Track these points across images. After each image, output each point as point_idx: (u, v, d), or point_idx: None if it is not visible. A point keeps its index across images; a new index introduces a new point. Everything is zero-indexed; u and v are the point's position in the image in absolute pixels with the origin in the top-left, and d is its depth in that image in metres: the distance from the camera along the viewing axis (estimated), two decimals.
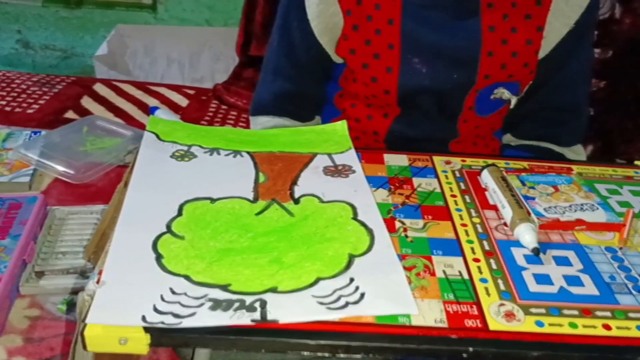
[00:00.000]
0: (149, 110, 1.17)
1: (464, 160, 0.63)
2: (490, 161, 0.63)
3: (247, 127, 1.20)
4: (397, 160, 0.63)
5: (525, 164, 0.63)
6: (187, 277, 0.44)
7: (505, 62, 0.68)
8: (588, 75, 0.77)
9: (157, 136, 0.64)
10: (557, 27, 0.68)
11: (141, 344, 0.39)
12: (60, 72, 1.54)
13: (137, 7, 1.60)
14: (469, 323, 0.41)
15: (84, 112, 1.14)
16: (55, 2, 1.62)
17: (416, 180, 0.59)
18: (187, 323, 0.39)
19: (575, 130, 0.77)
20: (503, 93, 0.72)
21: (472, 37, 0.67)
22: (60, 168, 0.83)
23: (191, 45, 1.51)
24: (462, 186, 0.58)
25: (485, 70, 0.69)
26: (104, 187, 0.76)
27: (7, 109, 1.13)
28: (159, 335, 0.39)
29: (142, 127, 1.08)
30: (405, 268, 0.46)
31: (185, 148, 0.62)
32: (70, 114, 1.13)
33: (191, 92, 1.31)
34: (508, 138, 0.80)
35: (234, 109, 1.26)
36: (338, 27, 0.70)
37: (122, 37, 1.51)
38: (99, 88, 1.27)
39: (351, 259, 0.46)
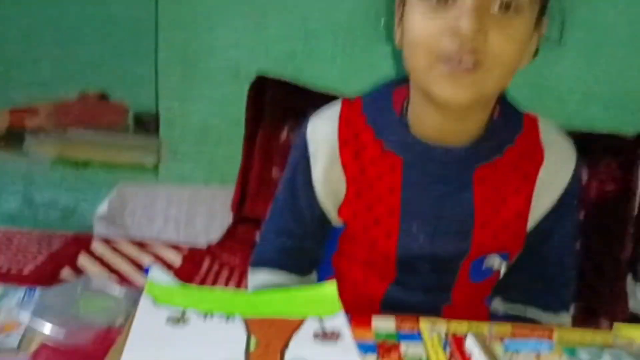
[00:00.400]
0: (143, 270, 1.19)
1: (449, 324, 0.65)
2: (475, 325, 0.64)
3: (240, 285, 1.22)
4: (384, 323, 0.64)
5: (509, 327, 0.65)
6: None
7: (497, 233, 0.73)
8: (574, 245, 0.82)
9: (154, 300, 0.67)
10: (542, 200, 0.74)
11: None
12: (60, 229, 1.59)
13: (140, 168, 1.70)
14: None
15: (79, 271, 1.16)
16: (63, 163, 1.73)
17: (403, 346, 0.60)
18: None
19: (562, 297, 0.80)
20: (494, 261, 0.76)
21: (466, 208, 0.73)
22: (51, 330, 0.83)
23: (189, 204, 1.58)
24: (448, 352, 0.60)
25: (479, 239, 0.73)
26: (95, 351, 0.76)
27: (4, 269, 1.15)
28: None
29: (136, 286, 1.10)
30: None
31: (180, 312, 0.64)
32: (66, 272, 1.16)
33: (185, 250, 1.34)
34: (497, 302, 0.82)
35: (226, 266, 1.29)
36: (341, 192, 0.76)
37: (123, 195, 1.59)
38: (96, 246, 1.30)
39: None
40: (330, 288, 0.70)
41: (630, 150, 1.33)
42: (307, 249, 0.82)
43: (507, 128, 0.73)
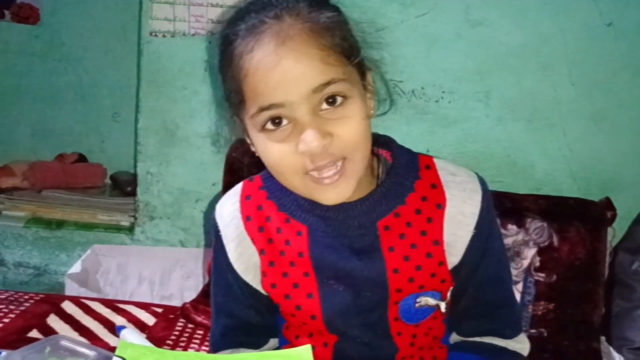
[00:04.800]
0: (115, 329, 1.17)
1: None
2: None
3: None
4: None
5: None
6: None
7: (412, 276, 0.74)
8: (507, 274, 0.83)
9: None
10: (460, 235, 0.74)
11: None
12: (30, 289, 1.55)
13: (115, 229, 1.69)
14: None
15: (49, 331, 1.13)
16: (36, 223, 1.71)
17: None
18: None
19: (512, 322, 0.81)
20: (428, 300, 0.76)
21: (375, 259, 0.74)
22: None
23: (163, 264, 1.57)
24: None
25: (395, 285, 0.74)
26: None
27: None
28: None
29: (106, 346, 1.08)
30: None
31: None
32: (34, 333, 1.12)
33: (159, 310, 1.32)
34: (454, 337, 0.83)
35: (200, 327, 1.27)
36: (258, 265, 0.78)
37: (97, 255, 1.57)
38: (67, 306, 1.27)
39: None
40: (305, 351, 0.70)
41: (599, 214, 1.37)
42: (253, 323, 0.83)
43: (404, 174, 0.75)
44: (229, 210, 0.78)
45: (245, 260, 0.78)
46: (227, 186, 1.48)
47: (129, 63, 2.01)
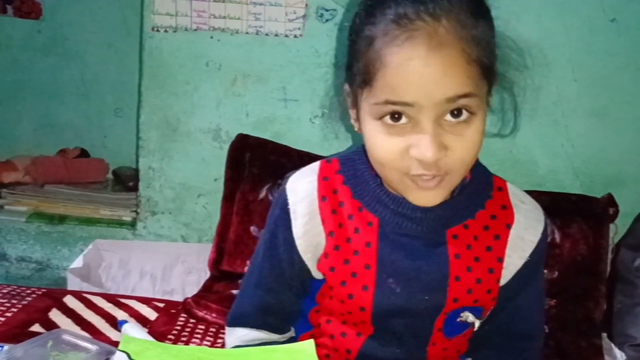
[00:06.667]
0: (117, 324, 1.17)
1: None
2: None
3: (215, 341, 1.20)
4: None
5: None
6: None
7: (471, 288, 0.76)
8: (541, 308, 0.85)
9: (129, 356, 0.66)
10: (515, 259, 0.77)
11: None
12: (32, 284, 1.55)
13: (117, 224, 1.70)
14: None
15: (51, 325, 1.13)
16: (39, 218, 1.71)
17: None
18: None
19: (532, 355, 0.82)
20: (468, 316, 0.78)
21: (441, 263, 0.75)
22: None
23: (165, 259, 1.57)
24: None
25: (454, 293, 0.75)
26: None
27: None
28: None
29: (108, 341, 1.08)
30: None
31: None
32: (36, 327, 1.13)
33: (161, 304, 1.32)
34: None
35: (202, 322, 1.27)
36: (321, 245, 0.78)
37: (99, 250, 1.57)
38: (69, 300, 1.28)
39: None
40: (309, 346, 0.70)
41: (601, 211, 1.37)
42: (285, 304, 0.83)
43: (478, 192, 0.77)
44: (305, 187, 0.78)
45: (309, 238, 0.77)
46: (229, 181, 1.49)
47: (131, 58, 2.01)
